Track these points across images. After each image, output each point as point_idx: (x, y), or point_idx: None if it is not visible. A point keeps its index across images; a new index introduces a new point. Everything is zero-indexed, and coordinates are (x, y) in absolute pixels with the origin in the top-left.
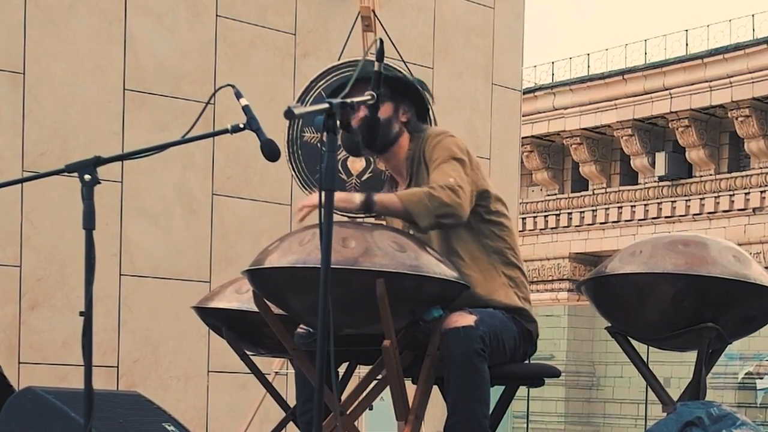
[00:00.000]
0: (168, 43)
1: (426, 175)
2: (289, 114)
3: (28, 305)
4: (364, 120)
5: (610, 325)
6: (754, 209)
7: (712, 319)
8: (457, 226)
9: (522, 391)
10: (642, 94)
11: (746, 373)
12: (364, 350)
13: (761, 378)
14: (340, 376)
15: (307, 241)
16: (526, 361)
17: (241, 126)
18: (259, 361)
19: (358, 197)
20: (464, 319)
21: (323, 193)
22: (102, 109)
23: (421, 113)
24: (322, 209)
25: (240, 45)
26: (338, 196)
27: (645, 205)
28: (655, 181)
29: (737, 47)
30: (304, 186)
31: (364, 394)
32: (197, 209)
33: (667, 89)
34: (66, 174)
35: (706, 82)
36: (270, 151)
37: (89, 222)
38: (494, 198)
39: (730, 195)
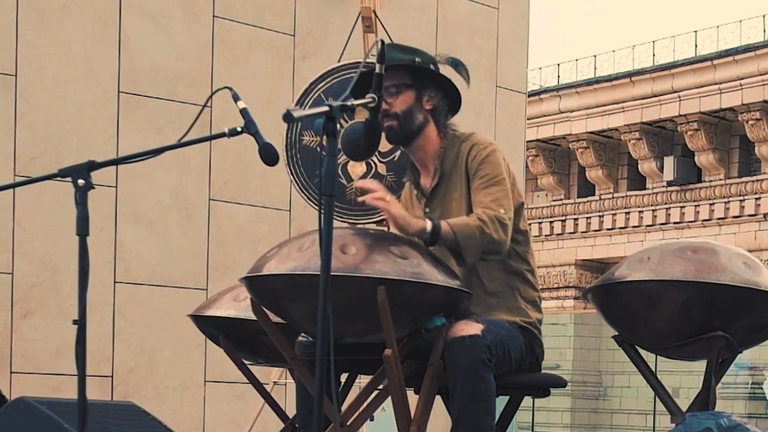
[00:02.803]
0: (164, 45)
1: (463, 183)
2: (287, 117)
3: (21, 313)
4: (365, 123)
5: (617, 333)
6: (765, 215)
7: (721, 328)
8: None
9: (527, 401)
10: (650, 97)
11: (753, 383)
12: (365, 359)
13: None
14: (341, 386)
15: (306, 247)
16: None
17: (239, 129)
18: (257, 370)
19: (428, 224)
20: (470, 327)
21: (323, 198)
22: (96, 112)
23: (453, 100)
24: (322, 215)
25: (238, 46)
26: (397, 209)
27: (653, 210)
28: (663, 186)
29: (748, 49)
30: (303, 191)
31: (365, 404)
32: (194, 215)
33: (675, 92)
34: (59, 179)
35: (716, 84)
36: (268, 156)
37: (83, 228)
38: (524, 216)
39: (741, 200)
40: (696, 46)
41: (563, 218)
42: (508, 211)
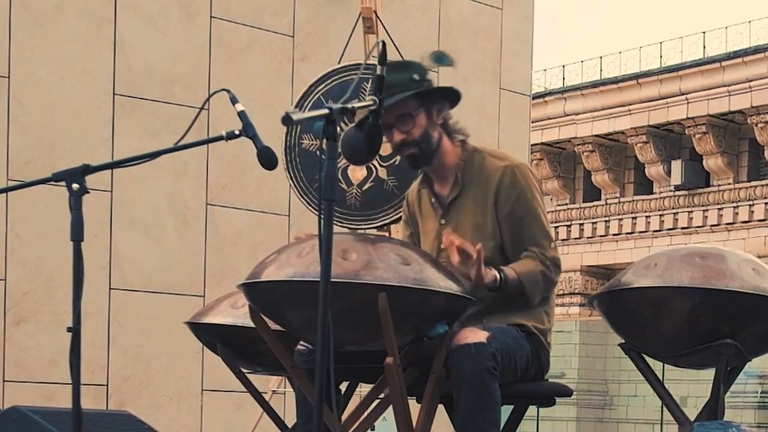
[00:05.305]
0: (160, 46)
1: (486, 199)
2: (287, 120)
3: (14, 320)
4: (366, 127)
5: (623, 341)
6: None
7: (730, 335)
8: None
9: (531, 410)
10: (657, 99)
11: (762, 392)
12: (366, 368)
13: None
14: (341, 395)
15: (305, 253)
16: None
17: (237, 132)
18: (255, 379)
19: (496, 275)
20: (476, 335)
21: (323, 203)
22: (91, 114)
23: (453, 99)
24: (322, 220)
25: (235, 47)
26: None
27: (660, 215)
28: (671, 191)
29: (757, 50)
30: (302, 195)
31: (366, 413)
32: (191, 220)
33: (683, 94)
34: (53, 183)
35: (725, 86)
36: (267, 159)
37: (77, 233)
38: None
39: (750, 205)
40: (704, 47)
41: (568, 223)
42: (555, 246)
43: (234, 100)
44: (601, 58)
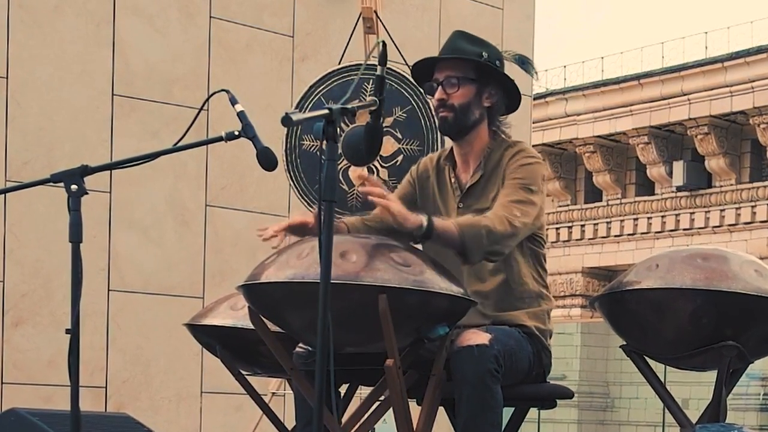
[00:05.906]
0: (159, 46)
1: (500, 186)
2: (286, 121)
3: (12, 322)
4: (366, 127)
5: (625, 343)
6: None
7: (732, 337)
8: None
9: (533, 413)
10: (659, 100)
11: (764, 394)
12: (366, 370)
13: None
14: (341, 397)
15: (305, 254)
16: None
17: (237, 133)
18: (255, 381)
19: (420, 218)
20: (478, 337)
21: (323, 204)
22: (89, 115)
23: (513, 100)
24: (322, 221)
25: (235, 48)
26: (397, 206)
27: (662, 216)
28: (672, 192)
29: (759, 50)
30: (302, 197)
31: (366, 416)
32: (190, 221)
33: (685, 95)
34: (51, 184)
35: (727, 87)
36: (267, 160)
37: (76, 235)
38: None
39: (752, 206)
40: (706, 47)
41: (570, 224)
42: (524, 216)
43: (233, 101)
44: (602, 58)
